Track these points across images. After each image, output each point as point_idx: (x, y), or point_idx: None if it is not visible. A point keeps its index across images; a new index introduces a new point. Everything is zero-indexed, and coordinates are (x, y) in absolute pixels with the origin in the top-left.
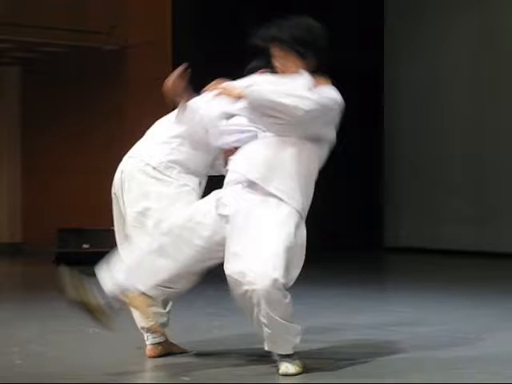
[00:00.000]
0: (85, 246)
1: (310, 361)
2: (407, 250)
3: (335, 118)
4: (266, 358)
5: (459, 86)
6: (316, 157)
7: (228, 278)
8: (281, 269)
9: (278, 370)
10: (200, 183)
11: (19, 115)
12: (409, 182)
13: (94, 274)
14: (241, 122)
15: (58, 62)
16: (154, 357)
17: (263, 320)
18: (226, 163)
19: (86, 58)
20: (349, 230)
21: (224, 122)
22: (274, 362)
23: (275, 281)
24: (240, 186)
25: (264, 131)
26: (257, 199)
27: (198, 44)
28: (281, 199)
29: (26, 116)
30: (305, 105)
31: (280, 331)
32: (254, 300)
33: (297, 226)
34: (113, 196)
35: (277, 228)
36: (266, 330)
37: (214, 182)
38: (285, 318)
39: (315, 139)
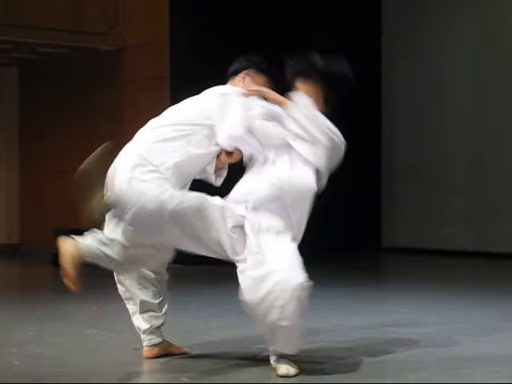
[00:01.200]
0: None
1: (309, 361)
2: (406, 250)
3: (336, 163)
4: (264, 359)
5: (458, 87)
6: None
7: (247, 280)
8: (303, 270)
9: (276, 370)
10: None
11: (17, 116)
12: (408, 183)
13: (90, 275)
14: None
15: (55, 63)
16: (151, 358)
17: (284, 323)
18: (215, 167)
19: (84, 59)
20: (347, 230)
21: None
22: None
23: (304, 281)
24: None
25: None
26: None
27: (196, 45)
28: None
29: (24, 117)
30: (335, 137)
31: (297, 331)
32: (280, 302)
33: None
34: None
35: (284, 236)
36: (282, 332)
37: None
38: (302, 318)
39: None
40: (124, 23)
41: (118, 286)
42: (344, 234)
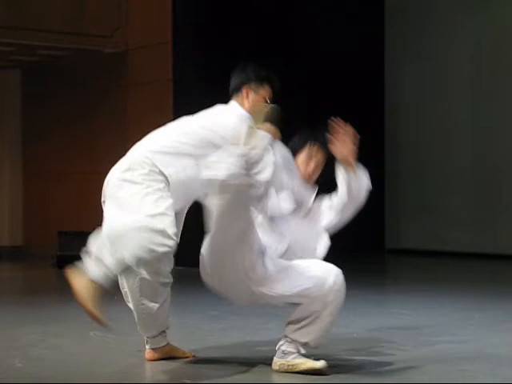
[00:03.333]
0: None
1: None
2: (409, 251)
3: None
4: (268, 361)
5: (460, 89)
6: None
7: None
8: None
9: (297, 366)
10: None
11: (20, 119)
12: (411, 185)
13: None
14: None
15: (58, 66)
16: (154, 360)
17: (330, 318)
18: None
19: (87, 62)
20: (350, 232)
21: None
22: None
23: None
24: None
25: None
26: None
27: (199, 47)
28: None
29: (27, 120)
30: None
31: (331, 327)
32: (330, 298)
33: None
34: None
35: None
36: (326, 326)
37: None
38: None
39: None
40: (127, 25)
41: (121, 289)
42: (347, 235)
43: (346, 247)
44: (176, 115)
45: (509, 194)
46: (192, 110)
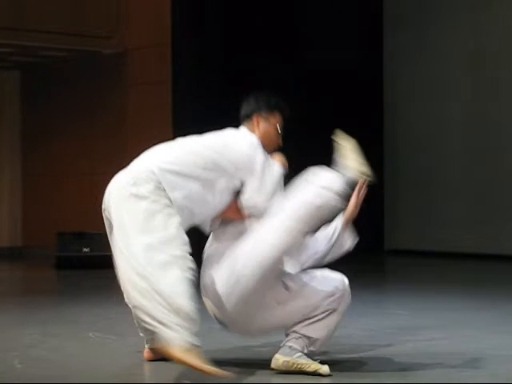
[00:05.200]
0: (85, 249)
1: None
2: (408, 252)
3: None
4: (268, 361)
5: (461, 91)
6: None
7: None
8: None
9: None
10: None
11: (20, 120)
12: (410, 185)
13: (93, 278)
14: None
15: (58, 67)
16: (153, 360)
17: (340, 317)
18: (214, 222)
19: (87, 62)
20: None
21: None
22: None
23: None
24: None
25: None
26: None
27: (199, 48)
28: None
29: (27, 120)
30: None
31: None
32: (345, 296)
33: None
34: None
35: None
36: (335, 324)
37: None
38: None
39: None
40: (126, 26)
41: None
42: None
43: None
44: (175, 115)
45: (509, 194)
46: (191, 109)
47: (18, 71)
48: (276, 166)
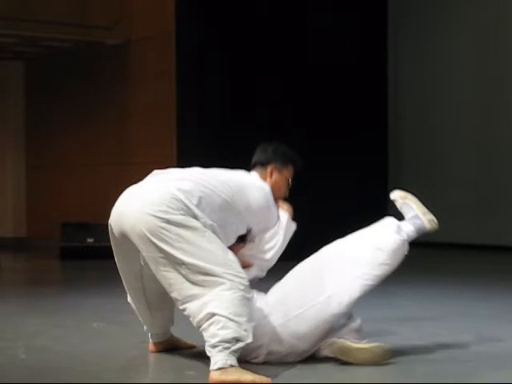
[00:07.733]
0: (89, 240)
1: (313, 356)
2: (411, 243)
3: None
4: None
5: (464, 85)
6: None
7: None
8: None
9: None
10: None
11: (23, 111)
12: (413, 177)
13: (97, 268)
14: None
15: (61, 57)
16: (158, 352)
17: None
18: None
19: (90, 53)
20: (353, 226)
21: None
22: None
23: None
24: None
25: None
26: None
27: (202, 39)
28: None
29: (30, 111)
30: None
31: None
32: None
33: None
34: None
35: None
36: None
37: None
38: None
39: None
40: (130, 17)
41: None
42: (350, 228)
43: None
44: (178, 107)
45: (510, 186)
46: (195, 100)
47: (22, 62)
48: (292, 224)
